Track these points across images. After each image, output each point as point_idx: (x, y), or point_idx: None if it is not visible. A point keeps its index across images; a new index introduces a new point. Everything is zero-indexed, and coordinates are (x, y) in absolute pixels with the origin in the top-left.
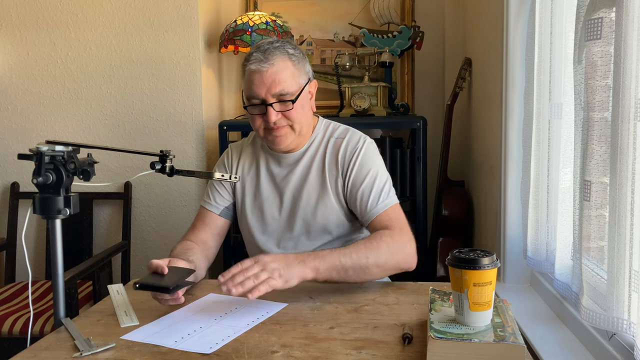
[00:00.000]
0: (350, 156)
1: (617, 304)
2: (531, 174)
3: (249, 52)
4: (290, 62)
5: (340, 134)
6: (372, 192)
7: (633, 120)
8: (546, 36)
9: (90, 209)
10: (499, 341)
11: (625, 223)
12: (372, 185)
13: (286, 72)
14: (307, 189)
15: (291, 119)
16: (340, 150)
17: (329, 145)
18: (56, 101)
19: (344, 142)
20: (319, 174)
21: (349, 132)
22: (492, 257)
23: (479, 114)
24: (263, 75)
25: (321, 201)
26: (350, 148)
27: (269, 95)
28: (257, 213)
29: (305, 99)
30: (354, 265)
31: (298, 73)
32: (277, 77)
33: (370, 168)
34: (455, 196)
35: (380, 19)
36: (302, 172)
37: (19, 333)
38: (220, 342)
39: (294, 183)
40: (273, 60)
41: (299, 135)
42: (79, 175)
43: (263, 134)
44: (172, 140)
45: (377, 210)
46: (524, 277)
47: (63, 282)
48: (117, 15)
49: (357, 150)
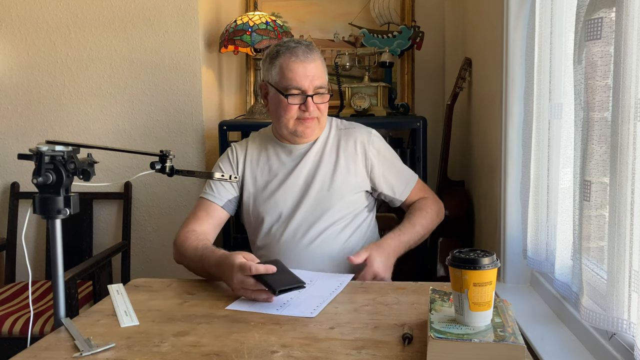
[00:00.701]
0: (370, 146)
1: (617, 304)
2: (531, 174)
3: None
4: (322, 62)
5: (349, 125)
6: (402, 176)
7: (633, 120)
8: (546, 36)
9: (90, 209)
10: (499, 341)
11: (625, 223)
12: (396, 169)
13: (322, 68)
14: (320, 174)
15: (322, 111)
16: (358, 142)
17: (342, 135)
18: (56, 101)
19: (355, 132)
20: (332, 160)
21: (353, 124)
22: (492, 257)
23: (479, 114)
24: (307, 68)
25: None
26: (366, 139)
27: (311, 87)
28: (271, 201)
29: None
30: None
31: (326, 71)
32: (317, 72)
33: (390, 155)
34: (455, 196)
35: (380, 19)
36: (315, 159)
37: (19, 333)
38: (316, 308)
39: (306, 169)
40: (314, 56)
41: (320, 127)
42: (79, 175)
43: (293, 125)
44: (172, 140)
45: (408, 189)
46: (524, 277)
47: (63, 282)
48: (117, 15)
49: (373, 141)
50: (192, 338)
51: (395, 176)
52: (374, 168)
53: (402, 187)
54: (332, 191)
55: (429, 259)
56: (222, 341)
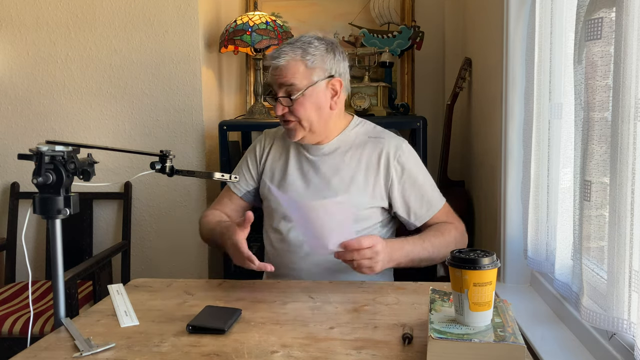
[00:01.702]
0: (394, 161)
1: (617, 304)
2: (531, 174)
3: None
4: (301, 61)
5: (377, 134)
6: (424, 197)
7: (633, 120)
8: (546, 36)
9: (90, 209)
10: (499, 341)
11: (625, 223)
12: (422, 191)
13: (295, 68)
14: (335, 182)
15: (296, 116)
16: (383, 154)
17: (368, 143)
18: (56, 101)
19: (384, 143)
20: (351, 169)
21: (385, 133)
22: (492, 257)
23: (479, 114)
24: (275, 70)
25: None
26: (393, 152)
27: (277, 88)
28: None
29: (317, 97)
30: (428, 258)
31: (309, 71)
32: (285, 72)
33: (416, 173)
34: (455, 196)
35: (380, 19)
36: (332, 165)
37: (19, 333)
38: None
39: (322, 174)
40: (285, 56)
41: (310, 132)
42: (79, 175)
43: (282, 124)
44: (172, 140)
45: (432, 213)
46: (524, 277)
47: (63, 282)
48: (117, 15)
49: (400, 155)
50: (192, 338)
51: (417, 198)
52: (393, 185)
53: (423, 211)
54: (342, 204)
55: None
56: (222, 341)
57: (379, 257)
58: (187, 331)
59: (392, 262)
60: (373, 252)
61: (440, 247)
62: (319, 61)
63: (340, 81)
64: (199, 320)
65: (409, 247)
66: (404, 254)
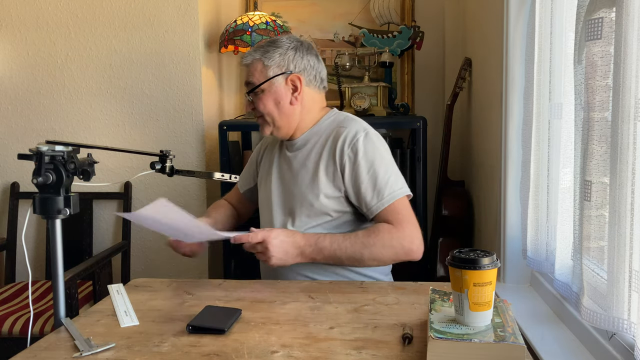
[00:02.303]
0: (348, 149)
1: (617, 304)
2: (531, 174)
3: None
4: (260, 59)
5: (342, 123)
6: (376, 187)
7: (633, 120)
8: (546, 36)
9: (90, 209)
10: (499, 341)
11: (625, 223)
12: (374, 180)
13: (254, 66)
14: (302, 175)
15: (259, 111)
16: (339, 142)
17: (334, 132)
18: (56, 101)
19: (343, 132)
20: (315, 161)
21: (351, 122)
22: (492, 257)
23: (479, 114)
24: (243, 70)
25: (313, 194)
26: (349, 140)
27: (245, 87)
28: (265, 196)
29: (275, 93)
30: (350, 258)
31: (267, 69)
32: (247, 70)
33: (370, 161)
34: (455, 196)
35: (380, 19)
36: (302, 158)
37: (19, 333)
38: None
39: (294, 167)
40: (249, 56)
41: (275, 127)
42: (79, 175)
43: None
44: (172, 140)
45: (380, 206)
46: (524, 277)
47: (63, 282)
48: (117, 15)
49: (355, 142)
50: (192, 338)
51: (368, 188)
52: (345, 173)
53: (373, 202)
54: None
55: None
56: (222, 341)
57: (271, 252)
58: (187, 331)
59: (303, 258)
60: (263, 247)
61: (363, 247)
62: (276, 59)
63: (299, 77)
64: (199, 320)
65: (323, 244)
66: (316, 250)
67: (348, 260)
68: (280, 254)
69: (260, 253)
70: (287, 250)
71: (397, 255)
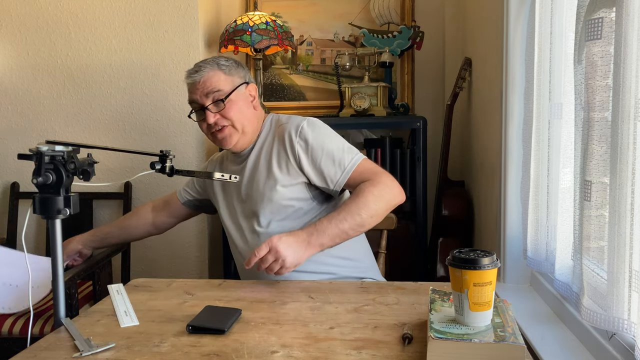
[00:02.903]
0: (297, 138)
1: (617, 304)
2: (531, 174)
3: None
4: (220, 70)
5: (283, 122)
6: (335, 160)
7: (633, 120)
8: (546, 36)
9: (90, 209)
10: (499, 341)
11: (625, 223)
12: (331, 155)
13: (216, 77)
14: (257, 179)
15: (229, 118)
16: (285, 136)
17: (277, 132)
18: (56, 101)
19: (286, 127)
20: (267, 161)
21: (290, 118)
22: (492, 257)
23: (479, 114)
24: (197, 84)
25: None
26: (294, 131)
27: (203, 97)
28: (226, 209)
29: (241, 98)
30: (352, 226)
31: (230, 78)
32: (207, 82)
33: (321, 141)
34: (455, 196)
35: (380, 19)
36: (252, 165)
37: (19, 333)
38: None
39: (246, 176)
40: (204, 71)
41: (243, 133)
42: (79, 175)
43: (212, 138)
44: (172, 140)
45: (346, 174)
46: (524, 277)
47: (63, 282)
48: (117, 15)
49: (300, 130)
50: (192, 338)
51: (327, 164)
52: (302, 161)
53: (338, 175)
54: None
55: (429, 259)
56: (222, 341)
57: (282, 254)
58: (187, 331)
59: (312, 247)
60: (274, 254)
61: (359, 209)
62: (233, 70)
63: (255, 87)
64: (199, 320)
65: (322, 226)
66: (320, 233)
67: (352, 228)
68: (291, 252)
69: (274, 262)
70: (295, 248)
71: (389, 203)
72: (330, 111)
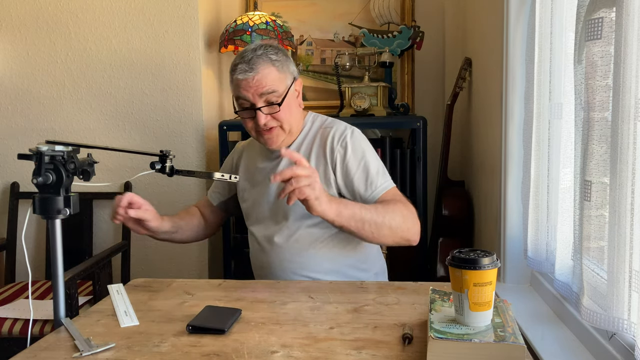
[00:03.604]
0: (338, 145)
1: (617, 304)
2: (531, 174)
3: (234, 62)
4: (274, 68)
5: (327, 125)
6: (368, 178)
7: (633, 120)
8: (546, 36)
9: (90, 209)
10: (499, 341)
11: (625, 223)
12: (366, 172)
13: (271, 75)
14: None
15: (280, 120)
16: (328, 140)
17: (317, 136)
18: (56, 101)
19: (330, 131)
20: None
21: (335, 122)
22: (492, 257)
23: (479, 114)
24: (250, 82)
25: None
26: (337, 137)
27: (256, 98)
28: (252, 206)
29: (291, 99)
30: (371, 220)
31: (282, 76)
32: (262, 80)
33: (360, 155)
34: (455, 196)
35: (380, 19)
36: (288, 163)
37: (19, 333)
38: None
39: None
40: (258, 68)
41: (289, 133)
42: (79, 175)
43: (256, 136)
44: (172, 140)
45: (379, 190)
46: (524, 277)
47: (63, 282)
48: (117, 15)
49: (344, 138)
50: (192, 338)
51: (360, 180)
52: (337, 168)
53: (367, 193)
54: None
55: (429, 259)
56: (222, 341)
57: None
58: (187, 331)
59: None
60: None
61: (386, 212)
62: (284, 65)
63: (300, 82)
64: (199, 320)
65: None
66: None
67: (369, 222)
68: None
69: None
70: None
71: (409, 230)
72: (330, 111)
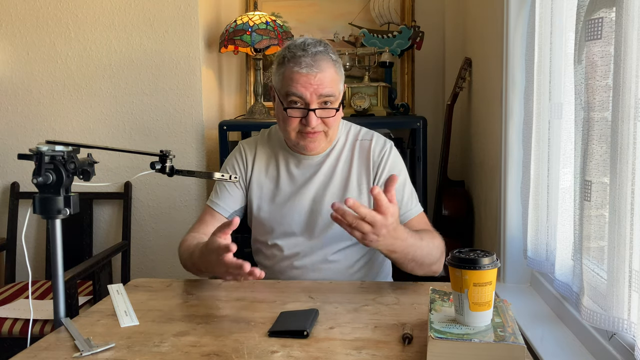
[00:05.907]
0: (380, 158)
1: (617, 304)
2: (531, 174)
3: (292, 52)
4: (334, 69)
5: (365, 136)
6: (405, 195)
7: (633, 120)
8: (546, 36)
9: (90, 209)
10: (499, 341)
11: (625, 223)
12: (403, 189)
13: (331, 77)
14: (331, 191)
15: (328, 125)
16: (371, 152)
17: (356, 148)
18: (56, 101)
19: (372, 144)
20: (344, 176)
21: (374, 134)
22: (492, 257)
23: (479, 114)
24: (311, 79)
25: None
26: (379, 150)
27: (313, 98)
28: (276, 216)
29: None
30: (419, 258)
31: (339, 79)
32: (325, 81)
33: (400, 171)
34: (455, 196)
35: (380, 19)
36: (326, 175)
37: (19, 333)
38: None
39: (316, 185)
40: (322, 66)
41: (329, 140)
42: (79, 175)
43: (295, 137)
44: (172, 140)
45: (411, 213)
46: (524, 277)
47: (63, 282)
48: (117, 15)
49: (387, 152)
50: (192, 338)
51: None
52: (379, 182)
53: (402, 210)
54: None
55: None
56: (222, 341)
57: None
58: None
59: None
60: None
61: (430, 249)
62: (341, 68)
63: (346, 86)
64: (278, 325)
65: (411, 240)
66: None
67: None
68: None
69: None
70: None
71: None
72: None
